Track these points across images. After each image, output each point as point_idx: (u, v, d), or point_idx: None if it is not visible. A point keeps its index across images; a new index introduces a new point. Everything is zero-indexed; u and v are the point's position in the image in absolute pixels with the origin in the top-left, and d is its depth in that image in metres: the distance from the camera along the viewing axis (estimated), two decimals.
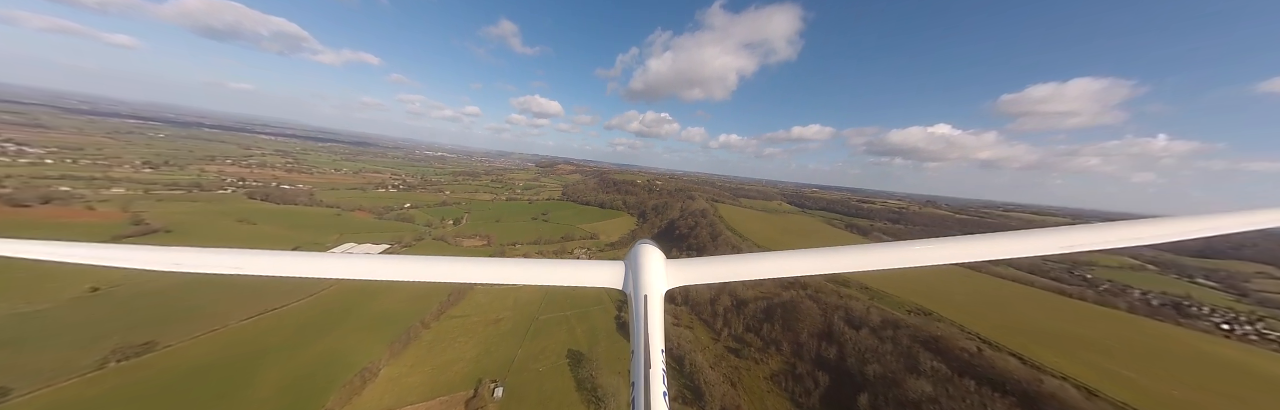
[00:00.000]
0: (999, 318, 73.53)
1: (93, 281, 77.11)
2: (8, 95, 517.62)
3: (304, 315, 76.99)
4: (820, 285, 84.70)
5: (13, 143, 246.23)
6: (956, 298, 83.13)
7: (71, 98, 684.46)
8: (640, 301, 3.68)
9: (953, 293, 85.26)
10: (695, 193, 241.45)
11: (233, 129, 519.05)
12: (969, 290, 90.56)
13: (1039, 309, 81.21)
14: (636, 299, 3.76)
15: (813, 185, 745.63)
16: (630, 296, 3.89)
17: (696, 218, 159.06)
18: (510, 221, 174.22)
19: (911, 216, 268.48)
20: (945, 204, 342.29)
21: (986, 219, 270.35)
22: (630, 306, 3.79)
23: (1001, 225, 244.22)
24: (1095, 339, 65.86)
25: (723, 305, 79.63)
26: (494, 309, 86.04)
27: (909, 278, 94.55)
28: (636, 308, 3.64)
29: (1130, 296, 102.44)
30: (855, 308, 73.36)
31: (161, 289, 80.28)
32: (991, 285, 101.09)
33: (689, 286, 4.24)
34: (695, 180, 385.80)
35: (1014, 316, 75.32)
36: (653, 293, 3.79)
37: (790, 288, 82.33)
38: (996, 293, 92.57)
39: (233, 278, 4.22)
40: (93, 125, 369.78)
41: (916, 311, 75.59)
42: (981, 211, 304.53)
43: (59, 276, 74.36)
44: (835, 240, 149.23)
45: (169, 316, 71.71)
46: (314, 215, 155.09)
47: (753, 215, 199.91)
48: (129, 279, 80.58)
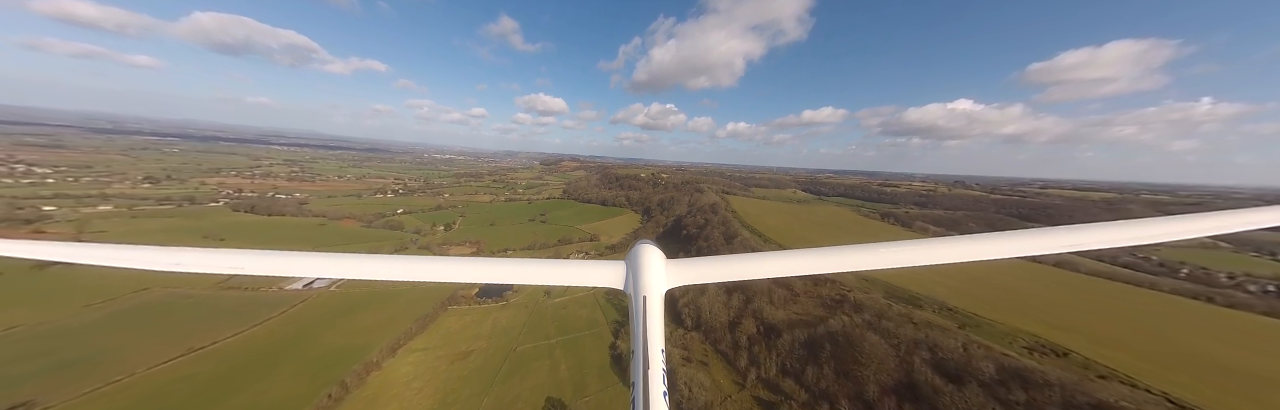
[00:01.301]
0: (1169, 352, 48.99)
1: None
2: (37, 118, 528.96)
3: (231, 356, 61.83)
4: (879, 306, 59.60)
5: (24, 164, 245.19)
6: (1076, 316, 59.76)
7: (98, 118, 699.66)
8: (640, 302, 3.60)
9: (1055, 304, 63.18)
10: (704, 185, 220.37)
11: (249, 141, 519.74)
12: (1073, 298, 67.67)
13: (1201, 331, 56.22)
14: (636, 299, 3.69)
15: (826, 170, 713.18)
16: (630, 297, 3.82)
17: (706, 214, 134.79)
18: (506, 224, 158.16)
19: (940, 199, 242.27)
20: (975, 183, 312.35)
21: (1027, 198, 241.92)
22: (630, 307, 3.72)
23: (1046, 205, 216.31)
24: None
25: (746, 332, 58.20)
26: (464, 338, 69.56)
27: (980, 281, 73.74)
28: (636, 308, 3.57)
29: (1217, 281, 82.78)
30: (945, 344, 48.55)
31: (75, 327, 66.40)
32: (1083, 286, 78.42)
33: (702, 307, 7.66)
34: (703, 171, 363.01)
35: (1186, 347, 50.42)
36: (653, 293, 3.71)
37: (836, 308, 59.34)
38: (1108, 302, 68.01)
39: (167, 309, 2.95)
40: (111, 143, 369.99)
41: (1042, 349, 49.71)
42: (1017, 190, 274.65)
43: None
44: (876, 235, 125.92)
45: (69, 363, 57.33)
46: (296, 226, 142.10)
47: (770, 208, 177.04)
48: (38, 316, 67.04)
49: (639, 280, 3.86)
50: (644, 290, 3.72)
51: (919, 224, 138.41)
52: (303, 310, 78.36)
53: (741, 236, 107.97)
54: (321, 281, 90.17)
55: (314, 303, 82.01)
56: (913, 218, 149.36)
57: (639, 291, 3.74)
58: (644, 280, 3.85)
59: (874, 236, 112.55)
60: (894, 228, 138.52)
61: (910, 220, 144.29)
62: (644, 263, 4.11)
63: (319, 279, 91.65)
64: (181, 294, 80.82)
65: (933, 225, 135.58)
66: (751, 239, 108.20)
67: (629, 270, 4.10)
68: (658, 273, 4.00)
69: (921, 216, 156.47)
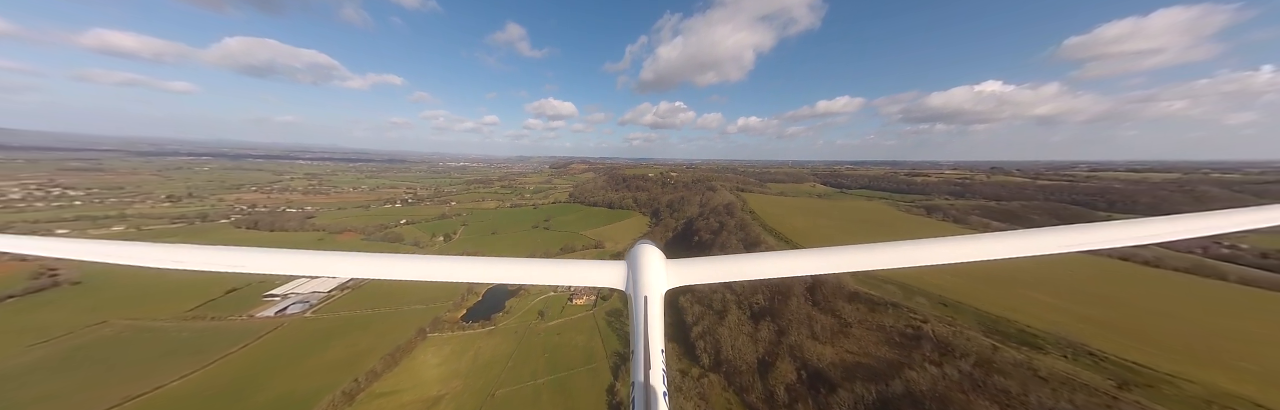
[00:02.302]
0: None
1: None
2: (85, 144, 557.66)
3: (165, 407, 51.57)
4: (980, 349, 40.75)
5: (60, 188, 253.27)
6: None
7: (141, 142, 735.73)
8: (641, 302, 3.58)
9: (1244, 337, 42.06)
10: (716, 182, 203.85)
11: (276, 157, 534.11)
12: (1267, 327, 44.99)
13: None
14: (637, 299, 3.66)
15: (843, 162, 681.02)
16: (631, 297, 3.79)
17: (721, 216, 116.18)
18: (508, 232, 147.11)
19: (979, 188, 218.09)
20: (1015, 169, 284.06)
21: (1078, 183, 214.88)
22: (630, 307, 3.69)
23: (1102, 189, 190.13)
24: None
25: (782, 380, 41.53)
26: (437, 377, 57.41)
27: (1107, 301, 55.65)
28: (636, 308, 3.55)
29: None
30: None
31: (14, 371, 57.74)
32: (1261, 305, 54.77)
33: (721, 339, 7.96)
34: (714, 168, 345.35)
35: None
36: (653, 293, 3.68)
37: (912, 348, 41.29)
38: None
39: (123, 346, 3.36)
40: (148, 165, 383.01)
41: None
42: (1063, 174, 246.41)
43: None
44: (926, 235, 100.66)
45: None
46: (294, 242, 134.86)
47: (792, 206, 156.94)
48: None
49: (639, 280, 3.83)
50: (644, 290, 3.69)
51: (975, 218, 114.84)
52: (268, 342, 68.15)
53: (766, 244, 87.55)
54: (296, 307, 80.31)
55: (282, 332, 71.84)
56: (964, 212, 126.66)
57: (639, 291, 3.70)
58: (644, 280, 3.82)
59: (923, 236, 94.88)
60: (944, 224, 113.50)
61: (963, 215, 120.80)
62: (644, 263, 4.07)
63: (294, 303, 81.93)
64: (141, 326, 72.07)
65: (993, 220, 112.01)
66: (779, 247, 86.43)
67: (629, 270, 4.07)
68: (658, 272, 3.96)
69: (973, 209, 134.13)
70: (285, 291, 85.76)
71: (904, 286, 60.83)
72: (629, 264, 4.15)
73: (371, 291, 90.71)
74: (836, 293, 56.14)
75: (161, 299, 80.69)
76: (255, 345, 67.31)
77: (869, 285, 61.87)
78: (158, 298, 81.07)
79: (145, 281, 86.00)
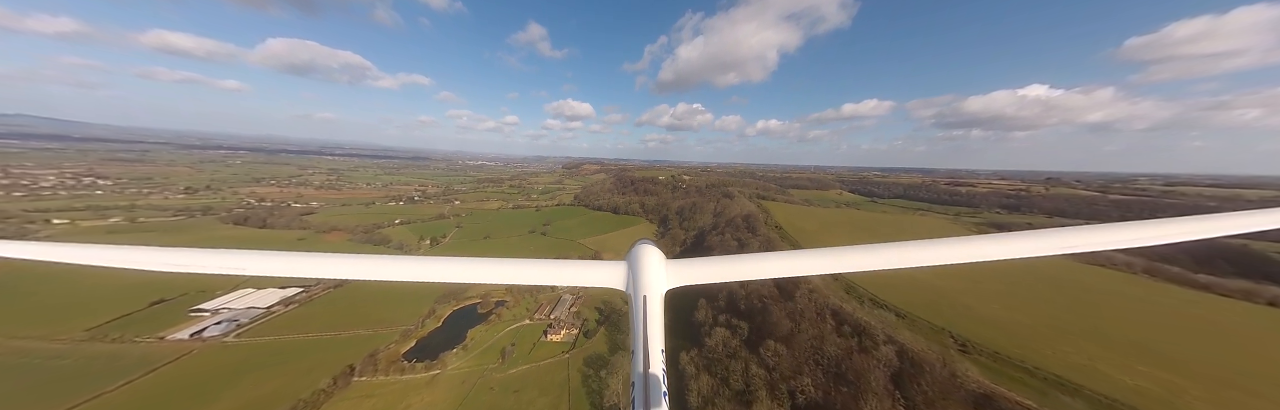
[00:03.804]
0: None
1: None
2: (139, 136, 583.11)
3: None
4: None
5: (93, 176, 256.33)
6: None
7: (191, 136, 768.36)
8: (640, 302, 3.50)
9: None
10: (733, 188, 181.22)
11: (310, 153, 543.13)
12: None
13: None
14: (636, 299, 3.59)
15: (870, 168, 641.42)
16: (630, 297, 3.71)
17: (739, 232, 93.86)
18: (502, 236, 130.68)
19: (1037, 201, 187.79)
20: (1074, 181, 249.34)
21: (1158, 199, 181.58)
22: (630, 307, 3.61)
23: (1192, 206, 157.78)
24: None
25: None
26: None
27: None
28: (636, 308, 3.47)
29: None
30: None
31: None
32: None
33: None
34: (731, 172, 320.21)
35: None
36: (653, 293, 3.62)
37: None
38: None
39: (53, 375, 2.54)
40: (187, 157, 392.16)
41: None
42: (1136, 188, 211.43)
43: None
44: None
45: None
46: (274, 241, 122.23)
47: (825, 219, 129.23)
48: None
49: (639, 280, 3.77)
50: (644, 290, 3.63)
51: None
52: (158, 379, 52.61)
53: (815, 291, 55.27)
54: (219, 327, 65.08)
55: (185, 364, 56.33)
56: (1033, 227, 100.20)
57: (639, 291, 3.63)
58: (644, 280, 3.75)
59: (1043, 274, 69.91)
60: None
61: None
62: (644, 263, 4.00)
63: (220, 323, 66.99)
64: (26, 349, 57.93)
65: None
66: (841, 300, 54.02)
67: (629, 270, 3.99)
68: (658, 273, 3.89)
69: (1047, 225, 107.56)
70: (216, 306, 70.88)
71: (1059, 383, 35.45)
72: (629, 264, 4.05)
73: (322, 308, 75.13)
74: (948, 389, 31.19)
75: (72, 312, 66.94)
76: (141, 382, 51.82)
77: (1011, 380, 36.91)
78: (69, 310, 67.42)
79: (63, 289, 72.84)
